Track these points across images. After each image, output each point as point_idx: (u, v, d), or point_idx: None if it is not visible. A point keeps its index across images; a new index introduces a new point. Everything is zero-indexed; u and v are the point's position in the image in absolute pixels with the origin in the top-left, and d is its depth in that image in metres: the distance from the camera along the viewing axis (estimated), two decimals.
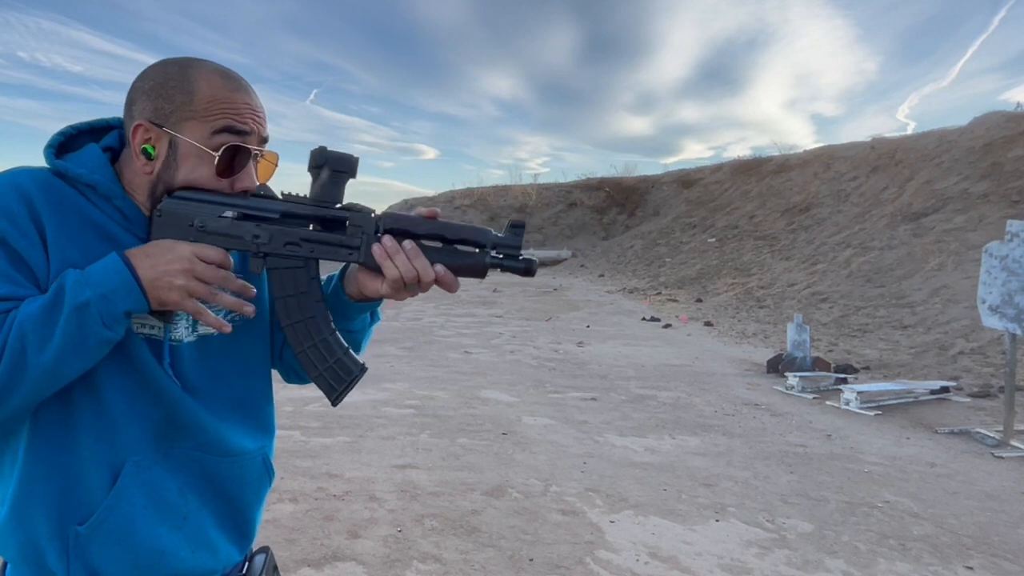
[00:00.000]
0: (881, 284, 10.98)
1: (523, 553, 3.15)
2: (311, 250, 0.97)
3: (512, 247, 0.98)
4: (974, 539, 3.44)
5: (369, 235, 0.97)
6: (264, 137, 0.99)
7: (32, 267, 0.87)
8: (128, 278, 0.85)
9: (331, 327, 1.02)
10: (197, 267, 0.88)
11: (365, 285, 1.01)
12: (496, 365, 7.82)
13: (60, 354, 0.82)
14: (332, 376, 1.02)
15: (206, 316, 0.91)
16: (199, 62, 0.97)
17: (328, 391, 1.02)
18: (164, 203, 0.93)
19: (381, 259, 0.95)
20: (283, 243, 0.97)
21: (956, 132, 15.05)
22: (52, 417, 0.90)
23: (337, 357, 1.01)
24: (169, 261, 0.87)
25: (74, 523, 0.91)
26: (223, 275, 0.91)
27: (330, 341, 1.01)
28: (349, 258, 0.98)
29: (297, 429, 4.97)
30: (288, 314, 1.00)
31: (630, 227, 25.41)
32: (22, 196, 0.88)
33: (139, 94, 0.95)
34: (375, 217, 0.98)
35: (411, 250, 0.95)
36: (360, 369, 1.03)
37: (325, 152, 0.96)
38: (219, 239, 0.94)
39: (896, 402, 6.25)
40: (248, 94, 0.97)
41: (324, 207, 0.97)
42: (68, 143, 0.99)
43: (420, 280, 0.96)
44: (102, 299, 0.84)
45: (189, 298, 0.88)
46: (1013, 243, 5.30)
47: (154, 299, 0.87)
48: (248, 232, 0.95)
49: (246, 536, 1.06)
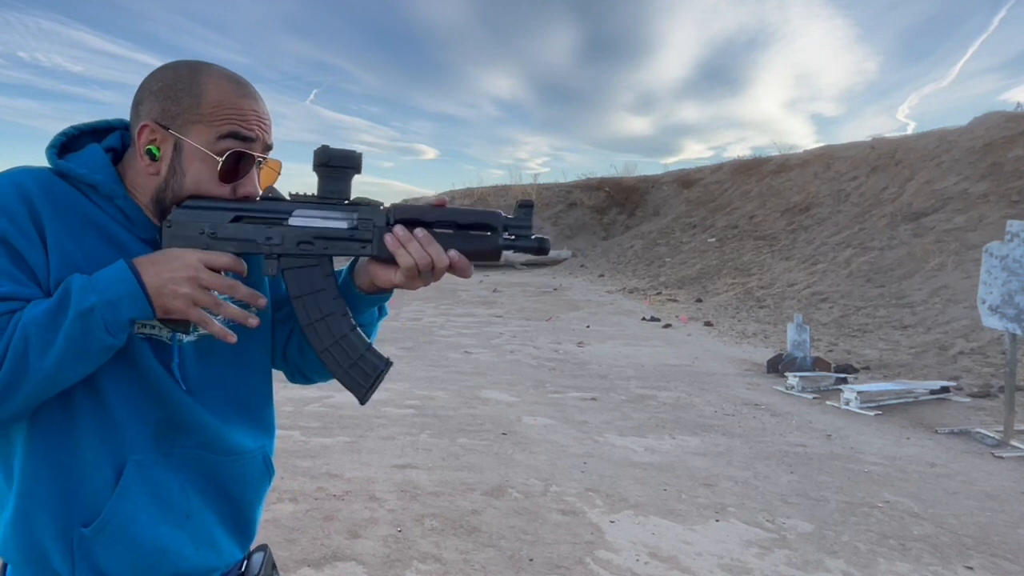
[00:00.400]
0: (881, 284, 10.98)
1: (523, 553, 3.15)
2: (324, 247, 0.98)
3: (523, 227, 0.99)
4: (974, 539, 3.44)
5: (380, 227, 0.97)
6: (269, 145, 0.99)
7: (32, 266, 0.87)
8: (134, 285, 0.85)
9: (351, 323, 1.01)
10: (203, 275, 0.88)
11: (378, 276, 1.01)
12: (496, 365, 7.82)
13: (62, 358, 0.82)
14: (358, 373, 1.01)
15: (211, 326, 0.90)
16: (208, 66, 0.97)
17: (355, 389, 1.02)
18: (173, 213, 0.93)
19: (395, 248, 0.96)
20: (296, 243, 0.97)
21: (956, 132, 15.05)
22: (53, 418, 0.90)
23: (360, 354, 1.01)
24: (175, 269, 0.87)
25: (79, 525, 0.91)
26: (229, 283, 0.90)
27: (351, 338, 1.01)
28: (362, 252, 0.98)
29: (297, 429, 4.97)
30: (307, 313, 1.00)
31: (630, 227, 25.40)
32: (23, 195, 0.88)
33: (147, 95, 0.95)
34: (384, 209, 0.98)
35: (424, 237, 0.96)
36: (385, 364, 1.03)
37: (329, 150, 0.96)
38: (231, 244, 0.94)
39: (896, 402, 6.25)
40: (256, 101, 0.97)
41: (333, 204, 0.97)
42: (70, 143, 0.99)
43: (434, 266, 0.96)
44: (107, 305, 0.84)
45: (194, 307, 0.88)
46: (1013, 243, 5.30)
47: (159, 307, 0.87)
48: (260, 234, 0.96)
49: (247, 534, 1.07)
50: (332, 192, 0.97)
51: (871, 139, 18.55)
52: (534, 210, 1.01)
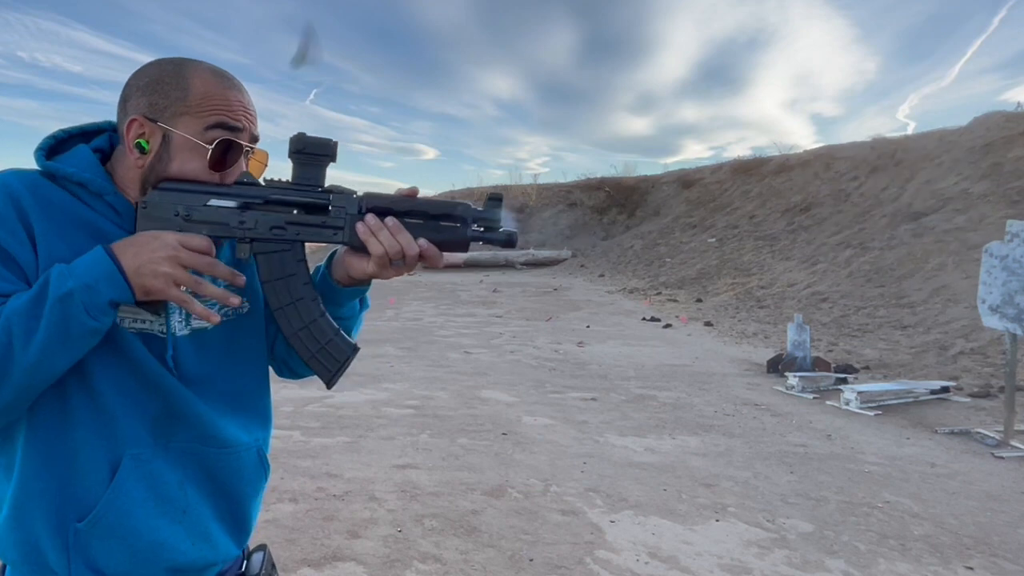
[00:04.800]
0: (881, 284, 10.98)
1: (523, 553, 3.15)
2: (297, 232, 0.99)
3: (492, 220, 1.01)
4: (974, 539, 3.44)
5: (352, 215, 0.99)
6: (255, 136, 1.01)
7: (21, 265, 0.88)
8: (111, 267, 0.86)
9: (321, 309, 1.03)
10: (182, 254, 0.89)
11: (352, 266, 1.03)
12: (496, 365, 7.82)
13: (46, 345, 0.83)
14: (325, 358, 1.03)
15: (192, 305, 0.91)
16: (193, 61, 0.99)
17: (322, 373, 1.04)
18: (149, 195, 0.94)
19: (365, 236, 0.97)
20: (269, 227, 0.98)
21: (956, 132, 15.05)
22: (49, 414, 0.91)
23: (329, 338, 1.02)
24: (153, 249, 0.88)
25: (73, 520, 0.91)
26: (209, 261, 0.91)
27: (320, 323, 1.02)
28: (334, 239, 1.00)
29: (297, 429, 4.97)
30: (277, 298, 1.01)
31: (630, 227, 25.39)
32: (9, 196, 0.89)
33: (134, 90, 0.97)
34: (357, 198, 1.00)
35: (394, 226, 0.98)
36: (352, 349, 1.04)
37: (304, 138, 0.98)
38: (204, 227, 0.95)
39: (896, 402, 6.25)
40: (240, 92, 0.99)
41: (307, 191, 0.99)
42: (59, 146, 1.00)
43: (405, 255, 0.98)
44: (85, 289, 0.84)
45: (174, 286, 0.88)
46: (1013, 243, 5.30)
47: (138, 288, 0.87)
48: (233, 218, 0.97)
49: (243, 530, 1.07)
50: (306, 179, 0.98)
51: (871, 139, 18.53)
52: (503, 203, 1.03)
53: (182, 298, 0.90)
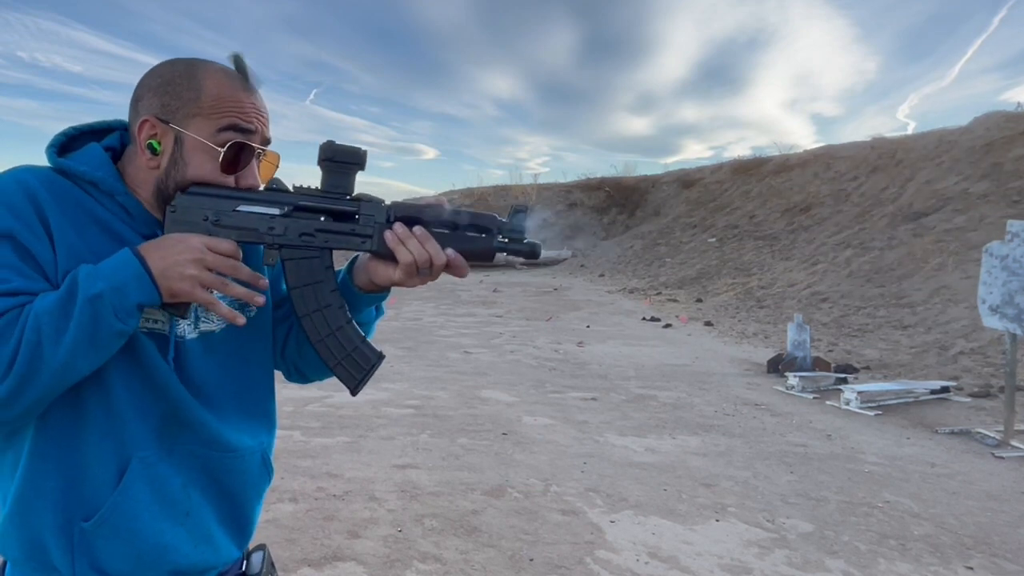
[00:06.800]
0: (881, 284, 10.98)
1: (523, 553, 3.15)
2: (325, 240, 1.00)
3: (517, 231, 1.01)
4: (974, 539, 3.44)
5: (380, 223, 0.99)
6: (267, 138, 1.01)
7: (40, 262, 0.88)
8: (139, 270, 0.86)
9: (347, 316, 1.03)
10: (208, 257, 0.89)
11: (377, 273, 1.03)
12: (496, 365, 7.82)
13: (75, 346, 0.83)
14: (351, 365, 1.03)
15: (218, 307, 0.91)
16: (206, 62, 0.99)
17: (347, 380, 1.04)
18: (178, 198, 0.94)
19: (394, 245, 0.98)
20: (298, 234, 0.99)
21: (956, 132, 15.04)
22: (61, 415, 0.91)
23: (355, 346, 1.03)
24: (180, 252, 0.88)
25: (79, 519, 0.91)
26: (233, 264, 0.92)
27: (347, 330, 1.03)
28: (362, 247, 1.00)
29: (297, 429, 4.97)
30: (304, 304, 1.01)
31: (630, 227, 25.39)
32: (27, 192, 0.89)
33: (146, 91, 0.97)
34: (385, 206, 1.00)
35: (422, 235, 0.98)
36: (378, 357, 1.05)
37: (334, 146, 0.98)
38: (233, 232, 0.95)
39: (896, 402, 6.25)
40: (253, 94, 0.99)
41: (336, 198, 0.99)
42: (70, 143, 1.00)
43: (432, 264, 0.98)
44: (114, 291, 0.84)
45: (201, 288, 0.89)
46: (1013, 243, 5.30)
47: (165, 290, 0.88)
48: (263, 224, 0.97)
49: (245, 533, 1.07)
50: (335, 187, 0.99)
51: (871, 139, 18.53)
52: (528, 214, 1.03)
53: (208, 300, 0.90)
